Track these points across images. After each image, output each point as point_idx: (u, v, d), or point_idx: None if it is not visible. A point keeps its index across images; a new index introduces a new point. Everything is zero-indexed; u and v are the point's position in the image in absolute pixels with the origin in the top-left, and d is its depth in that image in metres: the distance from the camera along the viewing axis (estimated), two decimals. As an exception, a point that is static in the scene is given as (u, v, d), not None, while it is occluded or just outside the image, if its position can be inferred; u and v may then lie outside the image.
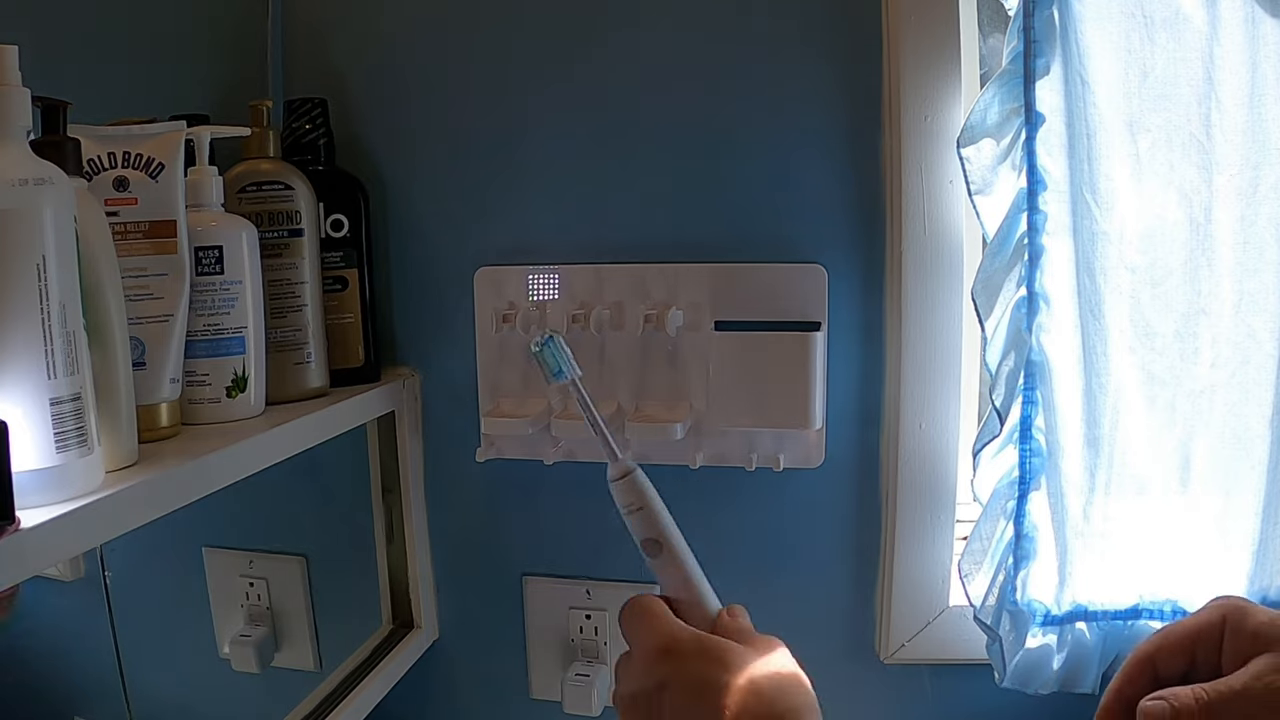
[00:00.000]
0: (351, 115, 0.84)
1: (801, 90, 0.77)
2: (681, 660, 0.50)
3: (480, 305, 0.84)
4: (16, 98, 0.49)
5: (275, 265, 0.73)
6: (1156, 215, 0.70)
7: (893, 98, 0.74)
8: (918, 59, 0.73)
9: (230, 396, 0.67)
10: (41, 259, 0.48)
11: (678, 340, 0.79)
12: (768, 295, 0.78)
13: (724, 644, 0.51)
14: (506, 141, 0.82)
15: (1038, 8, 0.68)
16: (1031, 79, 0.69)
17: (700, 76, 0.78)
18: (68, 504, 0.49)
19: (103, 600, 0.58)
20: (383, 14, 0.84)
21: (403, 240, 0.86)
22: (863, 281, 0.78)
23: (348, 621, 0.85)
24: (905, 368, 0.77)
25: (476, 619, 0.90)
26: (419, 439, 0.87)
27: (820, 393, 0.77)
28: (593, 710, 0.83)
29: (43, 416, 0.48)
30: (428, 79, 0.84)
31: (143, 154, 0.62)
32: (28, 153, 0.49)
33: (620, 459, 0.56)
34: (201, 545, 0.75)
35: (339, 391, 0.78)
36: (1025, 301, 0.71)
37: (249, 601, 0.78)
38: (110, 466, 0.54)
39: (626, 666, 0.53)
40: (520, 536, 0.88)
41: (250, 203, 0.73)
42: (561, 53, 0.81)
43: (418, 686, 0.90)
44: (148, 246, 0.62)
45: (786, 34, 0.76)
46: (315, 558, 0.81)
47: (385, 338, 0.86)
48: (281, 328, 0.74)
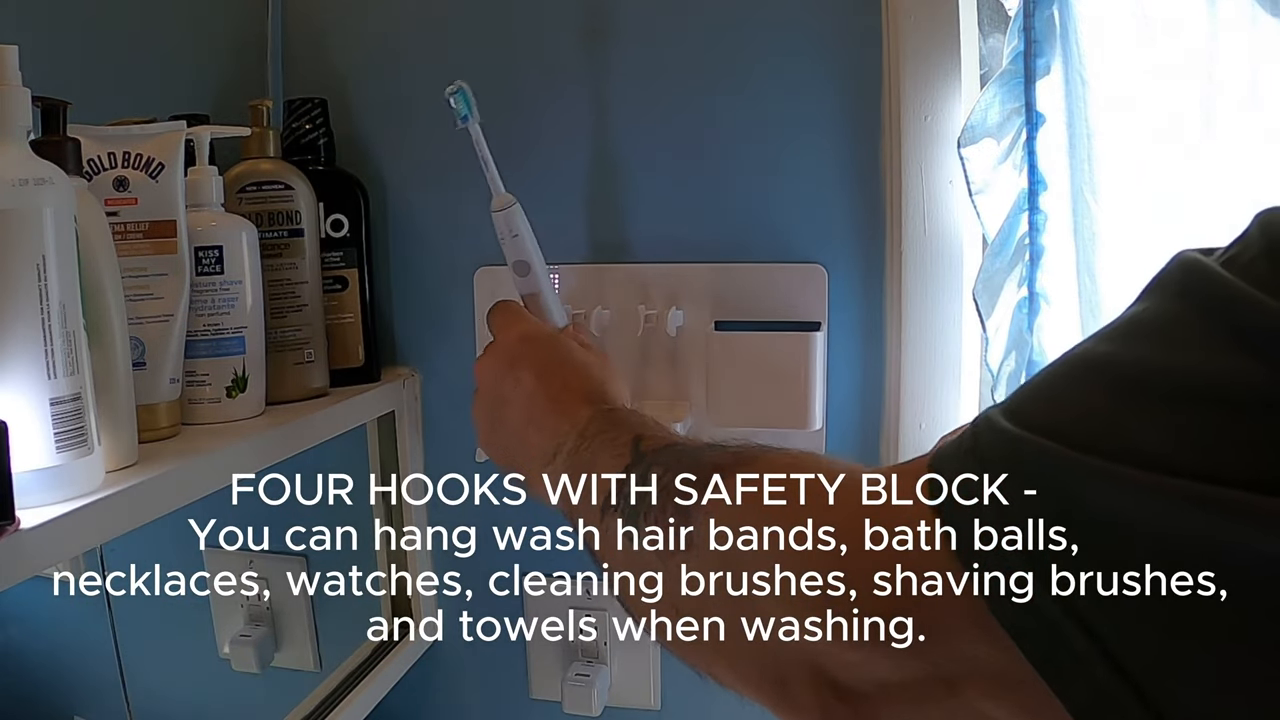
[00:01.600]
0: (351, 115, 0.84)
1: (801, 90, 0.77)
2: (536, 344, 0.62)
3: (480, 305, 0.84)
4: (16, 98, 0.49)
5: (275, 265, 0.73)
6: (1157, 215, 0.70)
7: (893, 98, 0.74)
8: (918, 59, 0.73)
9: (230, 396, 0.67)
10: (41, 259, 0.48)
11: (678, 340, 0.79)
12: (768, 295, 0.78)
13: (568, 341, 0.64)
14: (507, 142, 0.82)
15: (1038, 8, 0.68)
16: (1032, 79, 0.69)
17: (701, 76, 0.78)
18: (68, 504, 0.49)
19: (103, 600, 0.58)
20: (383, 14, 0.84)
21: (403, 240, 0.86)
22: (863, 281, 0.78)
23: (348, 621, 0.85)
24: (905, 368, 0.77)
25: (476, 619, 0.90)
26: (419, 439, 0.87)
27: (820, 393, 0.77)
28: (593, 710, 0.83)
29: (43, 416, 0.48)
30: (428, 79, 0.83)
31: (143, 154, 0.62)
32: (28, 153, 0.49)
33: (504, 193, 0.68)
34: (201, 545, 0.75)
35: (339, 391, 0.78)
36: (1026, 302, 0.71)
37: (249, 601, 0.78)
38: (110, 466, 0.54)
39: (490, 350, 0.63)
40: (520, 536, 0.88)
41: (250, 203, 0.73)
42: (561, 52, 0.81)
43: (418, 686, 0.90)
44: (148, 246, 0.62)
45: (786, 34, 0.76)
46: (315, 558, 0.81)
47: (385, 338, 0.86)
48: (281, 328, 0.74)
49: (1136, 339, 0.30)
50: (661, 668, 0.86)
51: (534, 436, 0.58)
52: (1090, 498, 0.28)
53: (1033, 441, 0.30)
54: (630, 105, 0.80)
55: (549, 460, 0.56)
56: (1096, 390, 0.29)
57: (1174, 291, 0.29)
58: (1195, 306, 0.28)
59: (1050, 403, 0.31)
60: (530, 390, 0.59)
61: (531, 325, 0.65)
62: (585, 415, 0.56)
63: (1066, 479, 0.29)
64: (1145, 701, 0.27)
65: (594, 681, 0.84)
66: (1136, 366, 0.29)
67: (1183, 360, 0.28)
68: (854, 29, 0.75)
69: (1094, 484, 0.28)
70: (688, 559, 0.42)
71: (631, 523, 0.46)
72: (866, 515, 0.34)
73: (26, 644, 0.59)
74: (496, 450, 0.63)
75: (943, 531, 0.32)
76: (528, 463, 0.59)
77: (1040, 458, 0.29)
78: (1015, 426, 0.31)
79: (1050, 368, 0.32)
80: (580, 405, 0.57)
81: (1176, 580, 0.26)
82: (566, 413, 0.57)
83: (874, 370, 0.79)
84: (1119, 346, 0.30)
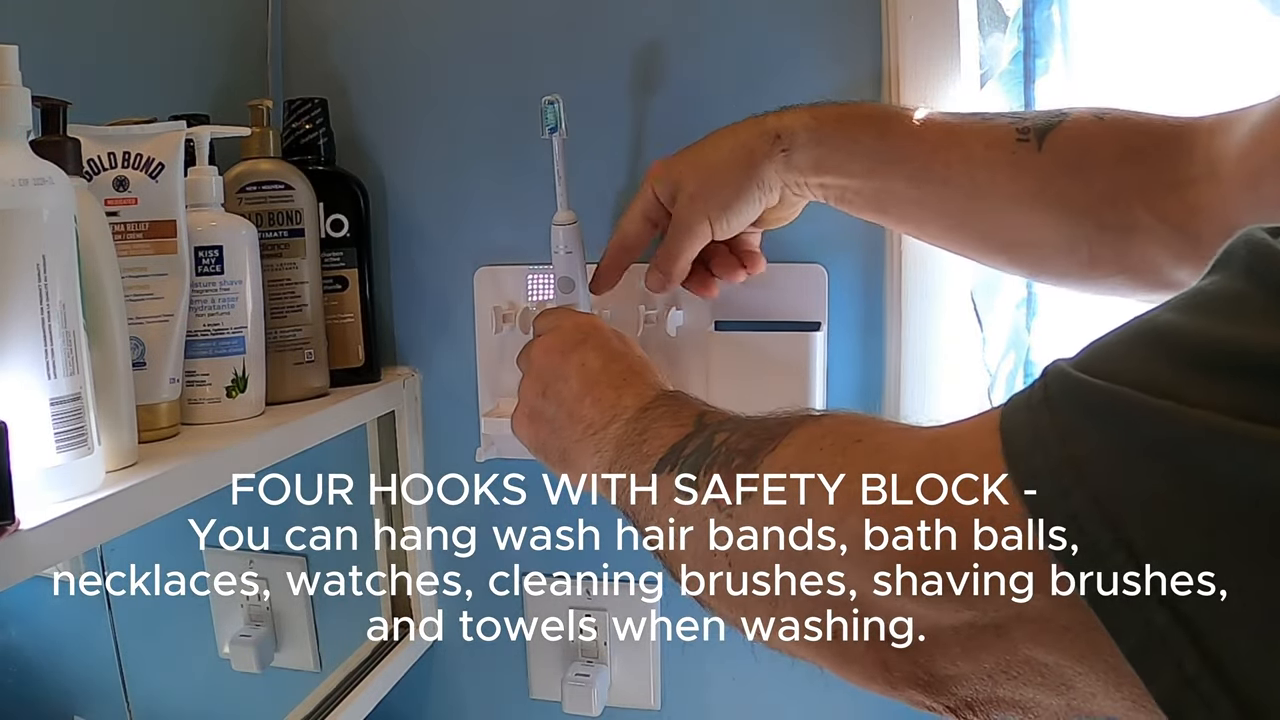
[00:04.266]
0: (351, 115, 0.84)
1: (801, 89, 0.76)
2: (603, 332, 0.64)
3: (480, 305, 0.84)
4: (16, 98, 0.49)
5: (275, 265, 0.73)
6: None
7: (892, 98, 0.74)
8: (918, 59, 0.73)
9: (230, 396, 0.67)
10: (41, 259, 0.48)
11: (678, 340, 0.79)
12: (768, 295, 0.78)
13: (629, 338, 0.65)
14: (506, 141, 0.82)
15: (1038, 8, 0.68)
16: (1031, 79, 0.69)
17: (701, 75, 0.78)
18: (68, 504, 0.49)
19: (103, 600, 0.58)
20: (382, 14, 0.84)
21: (403, 240, 0.86)
22: (863, 281, 0.78)
23: (348, 621, 0.85)
24: (905, 368, 0.77)
25: (476, 619, 0.90)
26: (419, 439, 0.87)
27: (820, 393, 0.77)
28: (593, 710, 0.83)
29: (43, 416, 0.48)
30: (428, 79, 0.84)
31: (143, 154, 0.62)
32: (28, 153, 0.49)
33: (569, 209, 0.70)
34: (201, 545, 0.75)
35: (339, 391, 0.78)
36: (1025, 302, 0.71)
37: (249, 601, 0.78)
38: (110, 466, 0.54)
39: (553, 333, 0.65)
40: (520, 536, 0.88)
41: (250, 203, 0.73)
42: (561, 52, 0.81)
43: (418, 686, 0.90)
44: (148, 246, 0.62)
45: (786, 34, 0.76)
46: (315, 558, 0.81)
47: (385, 338, 0.86)
48: (281, 328, 0.74)
49: (1201, 311, 0.31)
50: (662, 668, 0.86)
51: (588, 410, 0.59)
52: (1155, 437, 0.28)
53: (1103, 386, 0.30)
54: (631, 105, 0.80)
55: (599, 429, 0.57)
56: (1160, 356, 0.30)
57: (1240, 269, 0.30)
58: (1260, 284, 0.29)
59: (1114, 363, 0.31)
60: (595, 369, 0.60)
61: (595, 317, 0.67)
62: (650, 394, 0.57)
63: (1135, 421, 0.29)
64: (1202, 649, 0.27)
65: (594, 681, 0.84)
66: (1199, 336, 0.30)
67: (1244, 334, 0.28)
68: (854, 29, 0.75)
69: (1158, 424, 0.28)
70: (747, 511, 0.43)
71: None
72: (933, 469, 0.35)
73: (26, 644, 0.59)
74: (535, 426, 0.63)
75: (1012, 482, 0.32)
76: (571, 432, 0.60)
77: (1112, 403, 0.30)
78: (1087, 377, 0.31)
79: (1116, 331, 0.33)
80: (645, 387, 0.58)
81: (1240, 521, 0.26)
82: (631, 390, 0.58)
83: (874, 370, 0.79)
84: (1185, 317, 0.31)
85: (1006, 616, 0.33)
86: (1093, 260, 0.57)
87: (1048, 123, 0.58)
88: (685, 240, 0.67)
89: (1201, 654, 0.27)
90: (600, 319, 0.67)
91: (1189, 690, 0.27)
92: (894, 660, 0.37)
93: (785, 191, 0.66)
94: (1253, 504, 0.26)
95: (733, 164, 0.64)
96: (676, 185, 0.67)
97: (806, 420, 0.45)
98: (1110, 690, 0.31)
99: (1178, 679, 0.27)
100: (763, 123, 0.64)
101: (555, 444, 0.61)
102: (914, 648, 0.36)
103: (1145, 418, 0.29)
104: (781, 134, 0.63)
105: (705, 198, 0.65)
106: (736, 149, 0.64)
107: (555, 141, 0.70)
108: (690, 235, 0.66)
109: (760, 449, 0.44)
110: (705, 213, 0.65)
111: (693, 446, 0.49)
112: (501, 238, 0.83)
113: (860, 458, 0.39)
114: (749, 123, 0.65)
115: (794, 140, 0.63)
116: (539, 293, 0.81)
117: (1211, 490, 0.27)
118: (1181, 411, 0.28)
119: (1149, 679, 0.28)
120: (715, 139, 0.66)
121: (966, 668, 0.35)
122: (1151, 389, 0.29)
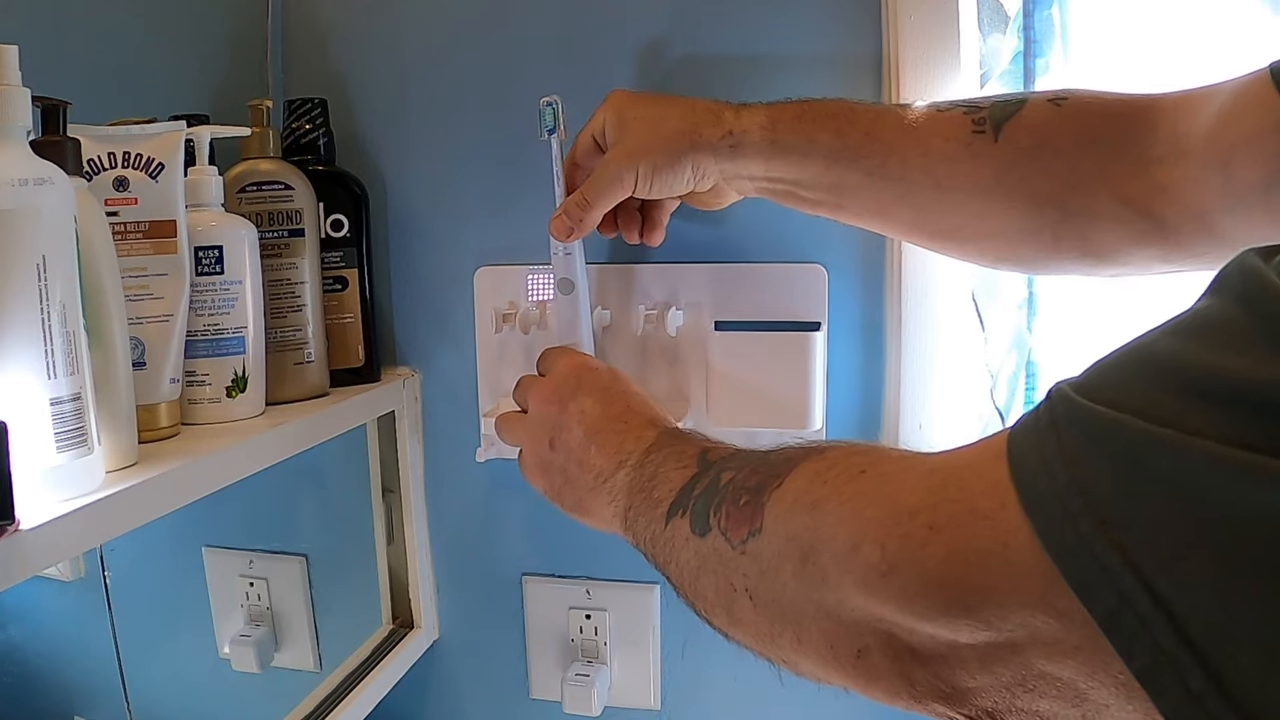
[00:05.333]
0: (351, 115, 0.84)
1: (801, 90, 0.77)
2: (597, 373, 0.65)
3: (480, 305, 0.84)
4: (16, 98, 0.49)
5: (275, 265, 0.73)
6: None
7: (893, 98, 0.74)
8: (918, 59, 0.73)
9: (230, 396, 0.67)
10: (41, 259, 0.48)
11: (678, 340, 0.79)
12: (768, 295, 0.78)
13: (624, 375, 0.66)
14: (506, 141, 0.82)
15: (1038, 8, 0.68)
16: (1031, 79, 0.69)
17: (700, 75, 0.78)
18: (68, 504, 0.49)
19: (103, 600, 0.58)
20: (383, 14, 0.84)
21: (403, 240, 0.86)
22: (863, 281, 0.78)
23: (348, 621, 0.85)
24: (905, 368, 0.77)
25: (476, 619, 0.90)
26: (419, 439, 0.87)
27: (820, 393, 0.77)
28: (593, 710, 0.83)
29: (43, 416, 0.48)
30: (428, 79, 0.84)
31: (143, 154, 0.62)
32: (28, 153, 0.49)
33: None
34: (201, 545, 0.75)
35: (339, 391, 0.78)
36: (1026, 302, 0.71)
37: (249, 601, 0.78)
38: (110, 466, 0.54)
39: (550, 377, 0.66)
40: (520, 536, 0.88)
41: (250, 203, 0.73)
42: (561, 52, 0.81)
43: (418, 686, 0.90)
44: (148, 246, 0.62)
45: (786, 34, 0.76)
46: (315, 558, 0.81)
47: (385, 338, 0.86)
48: (281, 328, 0.74)
49: (1198, 338, 0.31)
50: (662, 668, 0.86)
51: (595, 457, 0.60)
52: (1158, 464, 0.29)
53: (1107, 414, 0.31)
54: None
55: (608, 476, 0.58)
56: (1156, 385, 0.31)
57: (1234, 295, 0.31)
58: (1254, 312, 0.30)
59: (1116, 389, 0.32)
60: (595, 415, 0.61)
61: (588, 357, 0.68)
62: (651, 435, 0.58)
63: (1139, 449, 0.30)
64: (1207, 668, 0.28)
65: (594, 681, 0.84)
66: (1197, 365, 0.30)
67: (1239, 364, 0.29)
68: (854, 29, 0.75)
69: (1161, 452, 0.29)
70: (761, 547, 0.44)
71: (701, 517, 0.48)
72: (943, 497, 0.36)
73: (26, 644, 0.59)
74: (548, 477, 0.64)
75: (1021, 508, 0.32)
76: (583, 480, 0.60)
77: (1116, 431, 0.30)
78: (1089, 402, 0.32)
79: (1116, 355, 0.33)
80: (644, 427, 0.59)
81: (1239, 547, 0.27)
82: (631, 433, 0.59)
83: (874, 370, 0.79)
84: (1183, 344, 0.31)
85: (1020, 636, 0.33)
86: (1055, 244, 0.57)
87: (1005, 112, 0.58)
88: (607, 187, 0.66)
89: (1207, 673, 0.28)
90: (592, 359, 0.68)
91: (1195, 707, 0.28)
92: (918, 675, 0.38)
93: (721, 183, 0.66)
94: (1252, 529, 0.27)
95: (678, 137, 0.64)
96: (621, 129, 0.66)
97: (810, 453, 0.45)
98: (1122, 703, 0.31)
99: (1185, 696, 0.28)
100: (720, 115, 0.65)
101: (570, 494, 0.62)
102: (936, 663, 0.37)
103: (1148, 446, 0.29)
104: (734, 132, 0.63)
105: (640, 155, 0.65)
106: (685, 129, 0.64)
107: (554, 142, 0.70)
108: (614, 183, 0.66)
109: (767, 485, 0.45)
110: (635, 168, 0.65)
111: (701, 487, 0.50)
112: (501, 238, 0.83)
113: (868, 488, 0.40)
114: (708, 107, 0.65)
115: (744, 140, 0.63)
116: (539, 293, 0.81)
117: (1212, 516, 0.28)
118: (1183, 440, 0.29)
119: (1157, 696, 0.29)
120: (673, 106, 0.66)
121: (985, 681, 0.36)
122: (1153, 417, 0.29)
